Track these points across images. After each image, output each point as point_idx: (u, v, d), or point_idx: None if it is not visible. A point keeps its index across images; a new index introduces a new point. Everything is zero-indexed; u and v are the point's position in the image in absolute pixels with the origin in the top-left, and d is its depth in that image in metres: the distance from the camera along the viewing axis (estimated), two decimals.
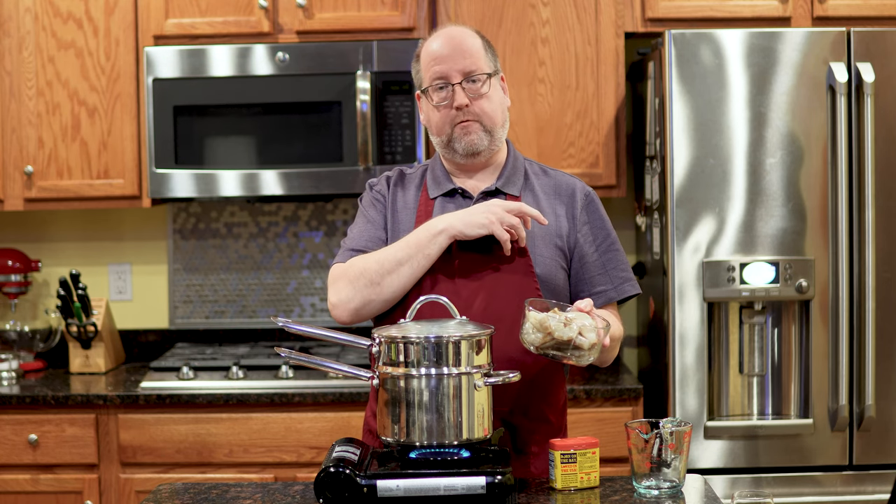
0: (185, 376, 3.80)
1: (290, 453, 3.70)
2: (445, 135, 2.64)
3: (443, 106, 2.62)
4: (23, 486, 3.74)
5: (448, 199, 2.68)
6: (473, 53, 2.62)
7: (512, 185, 2.68)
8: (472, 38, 2.65)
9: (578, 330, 2.35)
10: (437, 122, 2.65)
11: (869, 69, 3.48)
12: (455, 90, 2.61)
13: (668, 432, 2.39)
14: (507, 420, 2.58)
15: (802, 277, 3.52)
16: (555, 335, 2.35)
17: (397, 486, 2.28)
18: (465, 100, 2.60)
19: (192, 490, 2.52)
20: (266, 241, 4.34)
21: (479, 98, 2.62)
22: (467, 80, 2.61)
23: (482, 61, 2.63)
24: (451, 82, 2.61)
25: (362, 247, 2.65)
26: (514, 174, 2.70)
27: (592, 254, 2.67)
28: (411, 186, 2.73)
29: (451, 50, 2.61)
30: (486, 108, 2.62)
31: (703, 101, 3.51)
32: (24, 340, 4.21)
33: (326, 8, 3.93)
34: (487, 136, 2.64)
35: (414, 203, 2.70)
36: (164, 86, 3.90)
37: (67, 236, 4.38)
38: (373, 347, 2.40)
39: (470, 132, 2.62)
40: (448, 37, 2.64)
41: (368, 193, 2.75)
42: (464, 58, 2.61)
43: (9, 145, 4.00)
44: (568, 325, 2.35)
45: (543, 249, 2.63)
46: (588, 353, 2.37)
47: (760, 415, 3.61)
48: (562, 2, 3.89)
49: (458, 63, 2.61)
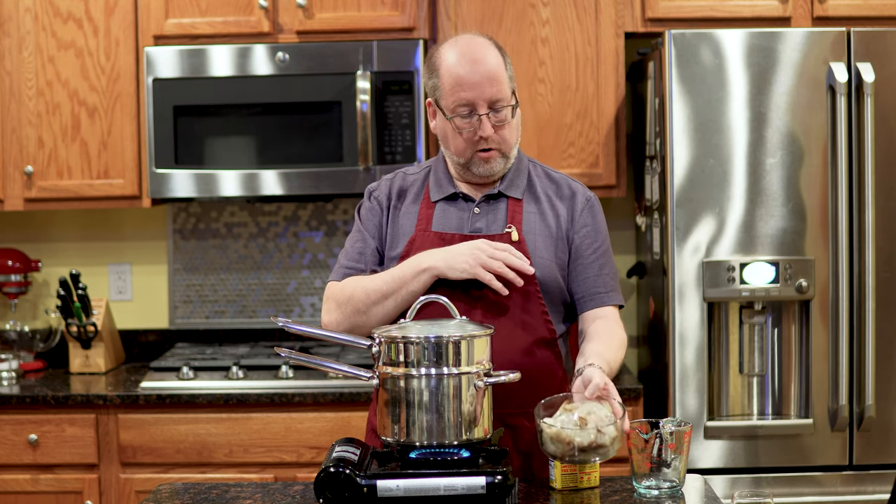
0: (185, 376, 3.80)
1: (290, 453, 3.70)
2: (465, 158, 2.63)
3: (466, 133, 2.60)
4: (23, 486, 3.74)
5: (450, 202, 2.68)
6: (499, 79, 2.59)
7: (515, 188, 2.68)
8: (495, 59, 2.60)
9: (597, 428, 2.31)
10: (457, 145, 2.62)
11: (869, 69, 3.48)
12: (482, 121, 2.58)
13: (668, 432, 2.39)
14: (508, 422, 2.58)
15: (802, 277, 3.52)
16: (574, 443, 2.31)
17: (397, 486, 2.28)
18: (490, 131, 2.58)
19: (192, 490, 2.52)
20: (266, 241, 4.34)
21: (501, 129, 2.61)
22: (493, 109, 2.59)
23: (506, 85, 2.60)
24: (479, 112, 2.58)
25: (354, 264, 2.68)
26: (518, 177, 2.70)
27: (589, 256, 2.68)
28: (413, 190, 2.72)
29: (479, 77, 2.57)
30: (506, 136, 2.62)
31: (703, 101, 3.51)
32: (24, 340, 4.21)
33: (326, 8, 3.93)
34: (504, 161, 2.64)
35: (415, 206, 2.69)
36: (164, 86, 3.90)
37: (67, 236, 4.37)
38: (373, 347, 2.40)
39: (490, 161, 2.62)
40: (472, 59, 2.58)
41: (367, 202, 2.74)
42: (491, 85, 2.57)
43: (9, 145, 4.00)
44: (584, 425, 2.31)
45: (543, 252, 2.63)
46: (611, 447, 2.33)
47: (760, 415, 3.61)
48: (562, 2, 3.89)
49: (485, 92, 2.57)
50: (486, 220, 2.66)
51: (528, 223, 2.66)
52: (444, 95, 2.61)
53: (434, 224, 2.66)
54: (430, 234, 2.65)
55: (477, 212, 2.66)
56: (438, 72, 2.61)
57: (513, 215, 2.65)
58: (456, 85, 2.57)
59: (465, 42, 2.62)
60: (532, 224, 2.66)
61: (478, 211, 2.66)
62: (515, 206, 2.67)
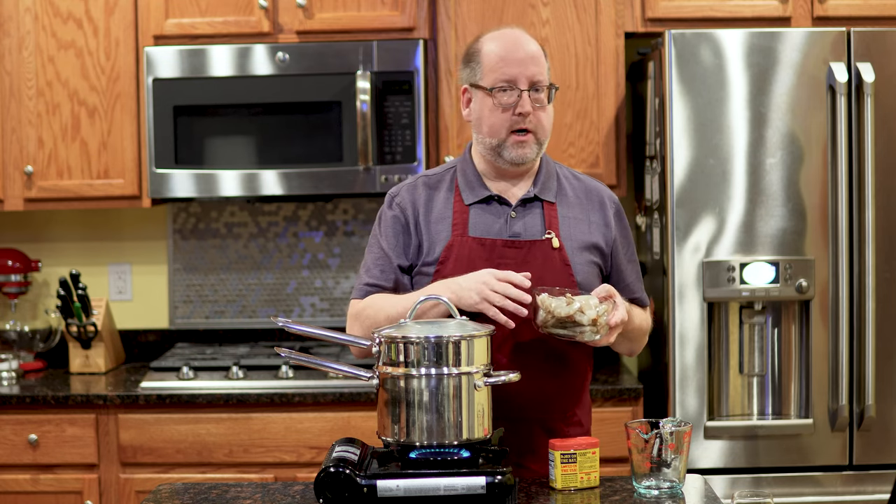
0: (185, 376, 3.80)
1: (290, 453, 3.70)
2: (499, 138, 2.61)
3: (506, 108, 2.60)
4: (23, 486, 3.74)
5: (484, 205, 2.65)
6: (541, 62, 2.62)
7: (548, 190, 2.68)
8: (536, 46, 2.64)
9: (579, 308, 2.44)
10: (493, 123, 2.61)
11: (869, 69, 3.48)
12: (522, 96, 2.59)
13: (668, 432, 2.39)
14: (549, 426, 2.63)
15: (802, 277, 3.52)
16: (554, 313, 2.44)
17: (397, 486, 2.28)
18: (529, 108, 2.59)
19: (192, 490, 2.52)
20: (266, 241, 4.34)
21: (540, 109, 2.61)
22: (533, 88, 2.60)
23: (546, 72, 2.64)
24: (520, 87, 2.59)
25: (377, 280, 2.65)
26: (549, 179, 2.69)
27: (624, 261, 2.74)
28: (441, 192, 2.68)
29: (522, 54, 2.60)
30: (543, 120, 2.62)
31: (703, 101, 3.51)
32: (24, 340, 4.21)
33: (326, 8, 3.93)
34: (538, 148, 2.64)
35: (447, 210, 2.65)
36: (164, 86, 3.90)
37: (67, 236, 4.37)
38: (373, 347, 2.40)
39: (524, 146, 2.61)
40: (516, 42, 2.62)
41: (388, 210, 2.69)
42: (535, 64, 2.60)
43: (9, 145, 4.00)
44: (570, 304, 2.45)
45: (580, 257, 2.64)
46: (589, 329, 2.45)
47: (760, 415, 3.61)
48: (562, 2, 3.89)
49: (528, 69, 2.59)
50: (523, 223, 2.64)
51: (565, 228, 2.65)
52: (484, 74, 2.62)
53: (471, 229, 2.62)
54: (468, 239, 2.61)
55: (514, 216, 2.64)
56: (479, 55, 2.64)
57: (550, 220, 2.64)
58: (500, 61, 2.60)
59: (508, 31, 2.67)
60: (568, 229, 2.65)
61: (514, 215, 2.64)
62: (551, 211, 2.66)
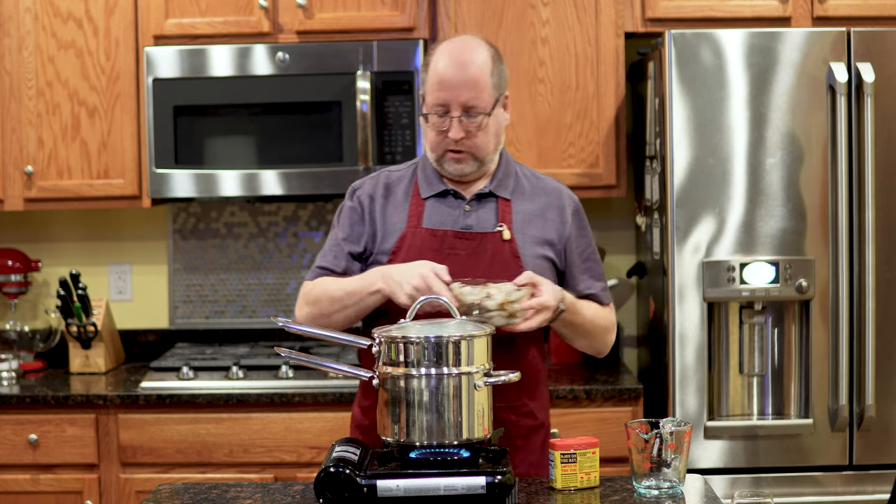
0: (185, 376, 3.80)
1: (290, 453, 3.70)
2: (437, 154, 2.67)
3: (439, 132, 2.64)
4: (23, 486, 3.74)
5: (440, 199, 2.70)
6: (479, 85, 2.60)
7: (504, 187, 2.72)
8: (481, 64, 2.61)
9: (486, 294, 2.47)
10: (430, 140, 2.67)
11: (869, 69, 3.48)
12: (452, 122, 2.61)
13: (668, 432, 2.39)
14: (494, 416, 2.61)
15: (802, 277, 3.52)
16: (462, 300, 2.48)
17: (397, 486, 2.28)
18: (459, 134, 2.61)
19: (192, 490, 2.52)
20: (266, 241, 4.34)
21: (474, 134, 2.62)
22: (466, 114, 2.61)
23: (486, 92, 2.61)
24: (452, 114, 2.61)
25: (328, 264, 2.75)
26: (506, 177, 2.73)
27: (575, 259, 2.74)
28: (401, 185, 2.75)
29: (457, 80, 2.59)
30: (479, 142, 2.64)
31: (703, 101, 3.51)
32: (24, 340, 4.21)
33: (326, 8, 3.93)
34: (477, 164, 2.67)
35: (405, 203, 2.72)
36: (164, 86, 3.90)
37: (67, 236, 4.37)
38: (373, 347, 2.40)
39: (461, 162, 2.66)
40: (458, 61, 2.61)
41: (348, 202, 2.77)
42: (468, 89, 2.59)
43: (9, 145, 4.00)
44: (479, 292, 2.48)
45: (531, 251, 2.67)
46: (497, 313, 2.47)
47: (760, 415, 3.61)
48: (562, 2, 3.89)
49: (461, 95, 2.59)
50: (476, 217, 2.69)
51: (518, 223, 2.69)
52: (427, 92, 2.65)
53: (425, 220, 2.69)
54: (421, 230, 2.68)
55: (468, 209, 2.69)
56: (428, 68, 2.66)
57: (503, 214, 2.69)
58: (436, 84, 2.62)
59: (458, 43, 2.66)
60: (521, 224, 2.69)
61: (468, 208, 2.69)
62: (505, 206, 2.70)
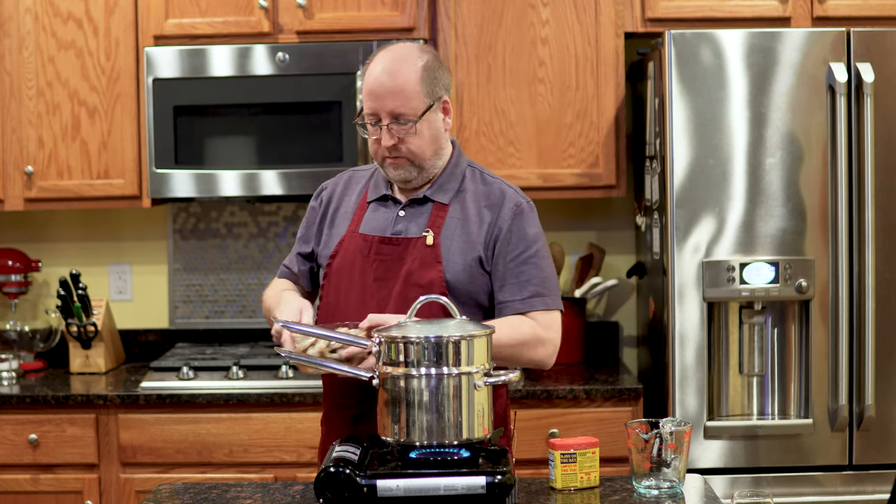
0: (185, 376, 3.80)
1: (290, 453, 3.70)
2: (378, 160, 2.69)
3: (374, 140, 2.66)
4: (23, 486, 3.74)
5: (381, 204, 2.74)
6: (406, 92, 2.60)
7: (442, 193, 2.71)
8: (409, 70, 2.61)
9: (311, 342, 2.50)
10: (371, 148, 2.69)
11: (869, 69, 3.48)
12: (382, 130, 2.62)
13: (668, 432, 2.39)
14: None
15: (802, 277, 3.52)
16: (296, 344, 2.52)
17: (397, 486, 2.28)
18: (390, 142, 2.62)
19: (192, 490, 2.52)
20: (266, 241, 4.34)
21: (405, 140, 2.63)
22: (395, 121, 2.61)
23: (415, 100, 2.61)
24: (382, 122, 2.62)
25: (287, 262, 2.88)
26: (449, 181, 2.72)
27: (505, 263, 2.67)
28: (356, 188, 2.80)
29: (384, 89, 2.60)
30: (413, 147, 2.64)
31: (703, 101, 3.51)
32: (24, 340, 4.21)
33: (326, 8, 3.93)
34: (416, 170, 2.67)
35: (353, 206, 2.77)
36: (164, 86, 3.90)
37: (67, 236, 4.37)
38: (373, 347, 2.40)
39: (398, 167, 2.66)
40: (386, 71, 2.61)
41: (313, 201, 2.87)
42: (394, 98, 2.60)
43: (9, 145, 4.00)
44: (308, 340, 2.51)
45: (457, 257, 2.65)
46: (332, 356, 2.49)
47: (760, 415, 3.61)
48: (562, 2, 3.89)
49: (388, 104, 2.60)
50: (407, 223, 2.69)
51: (449, 228, 2.68)
52: (363, 101, 2.68)
53: (362, 225, 2.72)
54: (356, 235, 2.71)
55: (402, 214, 2.70)
56: (364, 77, 2.68)
57: (434, 220, 2.68)
58: (367, 93, 2.64)
59: (389, 52, 2.66)
60: (452, 229, 2.68)
61: (402, 214, 2.70)
62: (439, 211, 2.69)
